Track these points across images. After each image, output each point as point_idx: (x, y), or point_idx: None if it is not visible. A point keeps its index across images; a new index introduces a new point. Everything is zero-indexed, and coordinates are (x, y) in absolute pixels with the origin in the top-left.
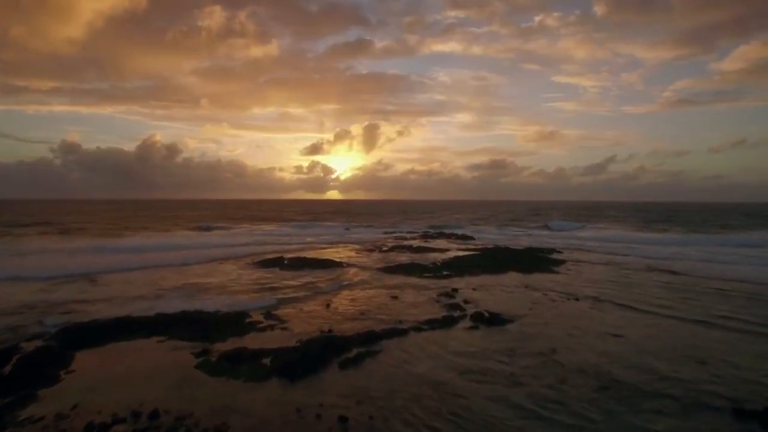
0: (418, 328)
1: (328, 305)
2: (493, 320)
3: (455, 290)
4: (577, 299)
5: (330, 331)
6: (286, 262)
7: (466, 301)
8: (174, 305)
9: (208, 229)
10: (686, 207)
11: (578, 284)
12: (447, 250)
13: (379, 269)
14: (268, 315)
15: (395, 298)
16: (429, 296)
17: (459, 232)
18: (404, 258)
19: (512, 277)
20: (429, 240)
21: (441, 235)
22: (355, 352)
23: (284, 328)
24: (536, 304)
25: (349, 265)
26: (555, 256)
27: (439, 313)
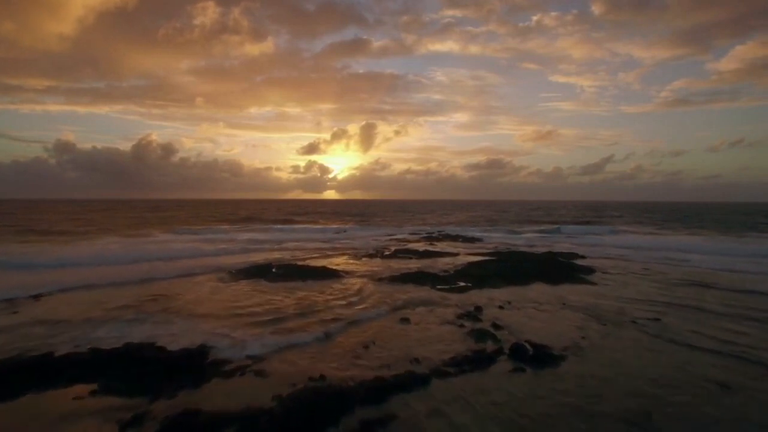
0: (442, 372)
1: (321, 334)
2: (539, 357)
3: (478, 309)
4: (634, 322)
5: (322, 377)
6: (274, 270)
7: (496, 326)
8: (118, 336)
9: (194, 233)
10: (689, 207)
11: (624, 301)
12: (456, 254)
13: (383, 280)
14: (241, 350)
15: (406, 320)
16: (448, 318)
17: (464, 233)
18: (410, 264)
19: (540, 290)
20: (434, 243)
21: (446, 238)
22: (357, 418)
23: (259, 372)
24: (584, 330)
25: (347, 274)
26: (579, 261)
27: (465, 345)
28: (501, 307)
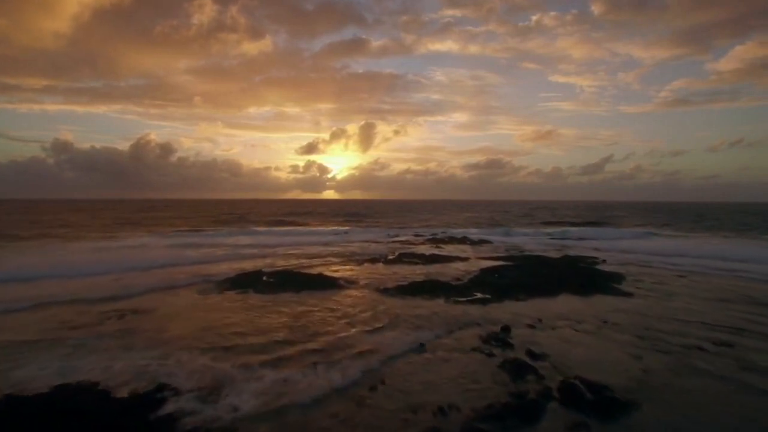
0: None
1: (314, 365)
2: (601, 403)
3: (506, 329)
4: (700, 348)
5: None
6: (265, 278)
7: (532, 354)
8: (53, 374)
9: (180, 235)
10: (689, 207)
11: (678, 320)
12: (466, 258)
13: (389, 290)
14: (204, 398)
15: (422, 347)
16: (472, 342)
17: (470, 235)
18: (418, 271)
19: (570, 304)
20: (440, 245)
21: (452, 240)
22: None
23: None
24: (644, 360)
25: (348, 283)
26: (602, 267)
27: (501, 384)
28: (532, 327)
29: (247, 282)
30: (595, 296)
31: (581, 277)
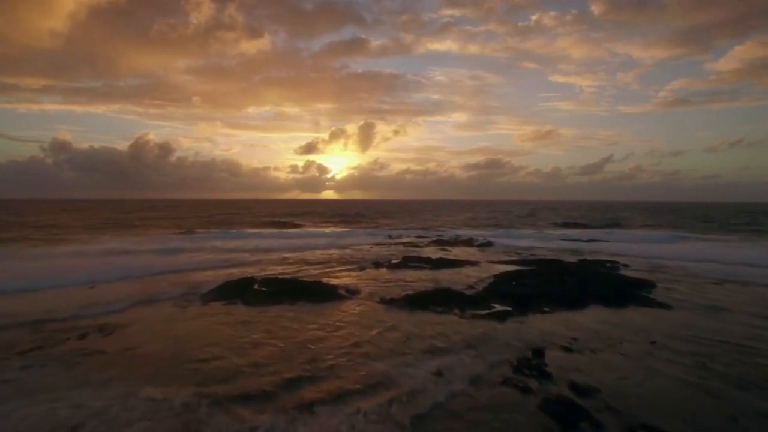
0: None
1: (311, 407)
2: None
3: (538, 353)
4: None
5: None
6: (256, 286)
7: (576, 388)
8: None
9: (169, 239)
10: (689, 207)
11: (737, 342)
12: (476, 262)
13: (395, 301)
14: None
15: (439, 376)
16: (500, 369)
17: (476, 236)
18: (425, 277)
19: (604, 317)
20: (446, 248)
21: (458, 242)
22: None
23: None
24: (721, 398)
25: (349, 292)
26: (626, 272)
27: None
28: (567, 349)
29: (235, 291)
30: (628, 308)
31: (607, 284)
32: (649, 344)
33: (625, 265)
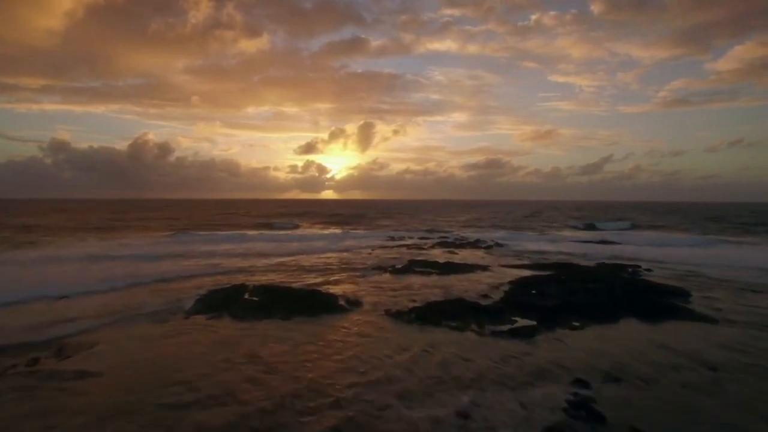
0: None
1: None
2: None
3: (583, 384)
4: None
5: None
6: (246, 296)
7: None
8: None
9: (156, 242)
10: (689, 207)
11: None
12: (486, 267)
13: (403, 315)
14: None
15: (464, 418)
16: (541, 414)
17: (483, 238)
18: (433, 283)
19: (642, 334)
20: (453, 250)
21: (464, 243)
22: None
23: None
24: None
25: (350, 304)
26: (649, 277)
27: None
28: (615, 378)
29: (222, 302)
30: (668, 323)
31: (634, 292)
32: (710, 371)
33: (648, 270)
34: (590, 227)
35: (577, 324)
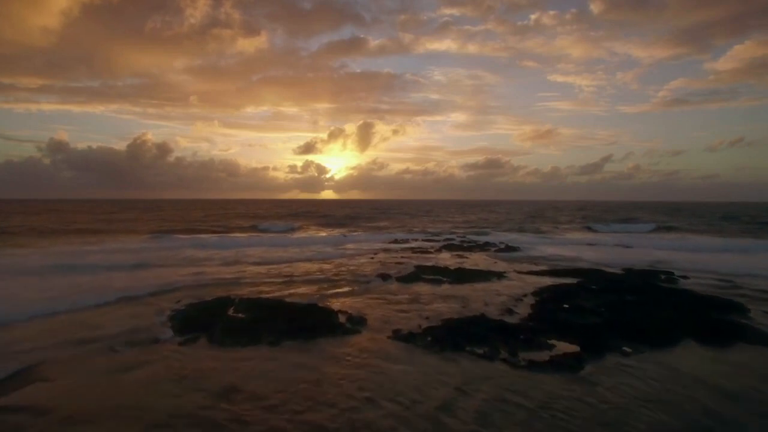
0: None
1: None
2: None
3: None
4: None
5: None
6: (231, 312)
7: None
8: None
9: (142, 246)
10: (689, 206)
11: None
12: (502, 273)
13: (415, 338)
14: None
15: None
16: None
17: (492, 240)
18: (446, 294)
19: (711, 362)
20: (462, 254)
21: (473, 246)
22: None
23: None
24: None
25: (353, 323)
26: (688, 285)
27: None
28: None
29: (202, 321)
30: (736, 346)
31: (685, 307)
32: None
33: (684, 277)
34: (607, 227)
35: (627, 349)
